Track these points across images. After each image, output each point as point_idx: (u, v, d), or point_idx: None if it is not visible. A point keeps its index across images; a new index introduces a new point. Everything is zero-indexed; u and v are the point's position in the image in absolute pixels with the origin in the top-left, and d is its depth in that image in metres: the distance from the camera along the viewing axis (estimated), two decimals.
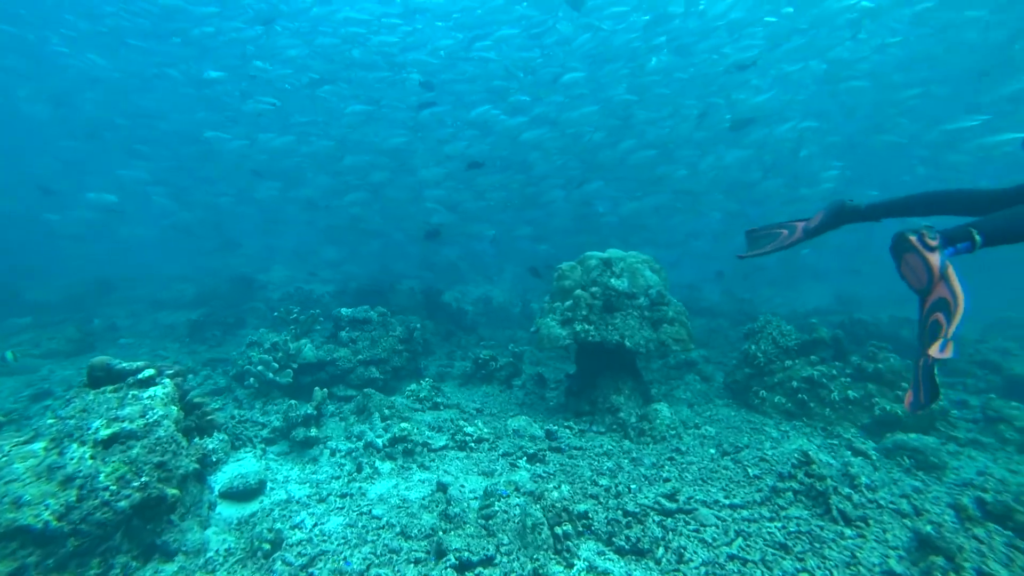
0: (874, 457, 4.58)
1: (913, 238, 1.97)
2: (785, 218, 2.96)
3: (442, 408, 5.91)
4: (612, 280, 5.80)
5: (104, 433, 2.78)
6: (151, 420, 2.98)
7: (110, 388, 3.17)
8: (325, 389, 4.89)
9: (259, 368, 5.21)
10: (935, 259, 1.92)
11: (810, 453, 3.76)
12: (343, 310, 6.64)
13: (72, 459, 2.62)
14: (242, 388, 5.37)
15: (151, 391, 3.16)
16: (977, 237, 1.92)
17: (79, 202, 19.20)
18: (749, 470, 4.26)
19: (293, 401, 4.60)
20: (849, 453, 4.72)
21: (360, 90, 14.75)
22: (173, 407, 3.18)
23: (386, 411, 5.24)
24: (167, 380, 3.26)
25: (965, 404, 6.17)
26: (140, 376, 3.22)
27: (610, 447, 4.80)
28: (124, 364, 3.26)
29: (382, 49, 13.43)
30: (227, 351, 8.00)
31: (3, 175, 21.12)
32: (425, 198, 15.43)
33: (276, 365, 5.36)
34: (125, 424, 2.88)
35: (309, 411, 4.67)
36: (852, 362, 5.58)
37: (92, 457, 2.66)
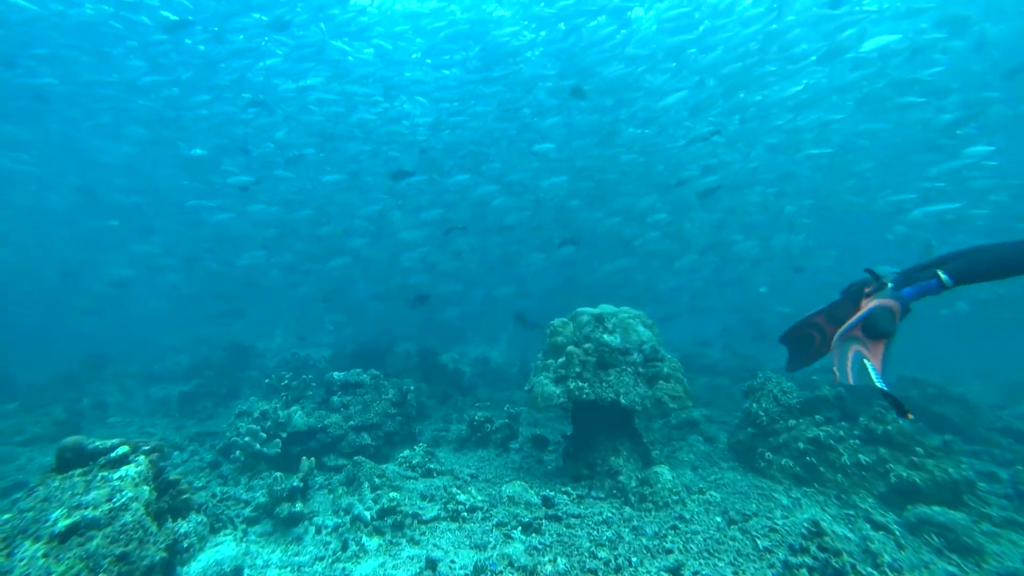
0: (897, 533, 4.25)
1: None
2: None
3: (435, 475, 5.66)
4: (605, 336, 5.77)
5: (63, 524, 2.60)
6: (118, 504, 2.79)
7: (79, 471, 2.99)
8: (312, 459, 4.71)
9: (246, 440, 5.05)
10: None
11: (822, 524, 3.52)
12: (335, 374, 6.56)
13: (22, 560, 2.42)
14: (228, 462, 5.17)
15: (123, 471, 3.00)
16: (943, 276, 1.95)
17: (96, 277, 19.81)
18: (759, 541, 4.00)
19: (279, 474, 4.42)
20: (868, 526, 4.41)
21: (340, 161, 15.52)
22: (145, 487, 3.01)
23: (376, 480, 5.02)
24: (141, 458, 3.11)
25: (993, 477, 5.79)
26: (112, 455, 3.07)
27: (610, 514, 4.53)
28: (97, 443, 3.11)
29: (363, 125, 14.25)
30: (218, 424, 7.79)
31: (18, 256, 21.69)
32: (404, 261, 15.73)
33: (264, 435, 5.20)
34: (87, 512, 2.70)
35: (295, 484, 4.47)
36: (860, 423, 5.39)
37: (45, 555, 2.46)
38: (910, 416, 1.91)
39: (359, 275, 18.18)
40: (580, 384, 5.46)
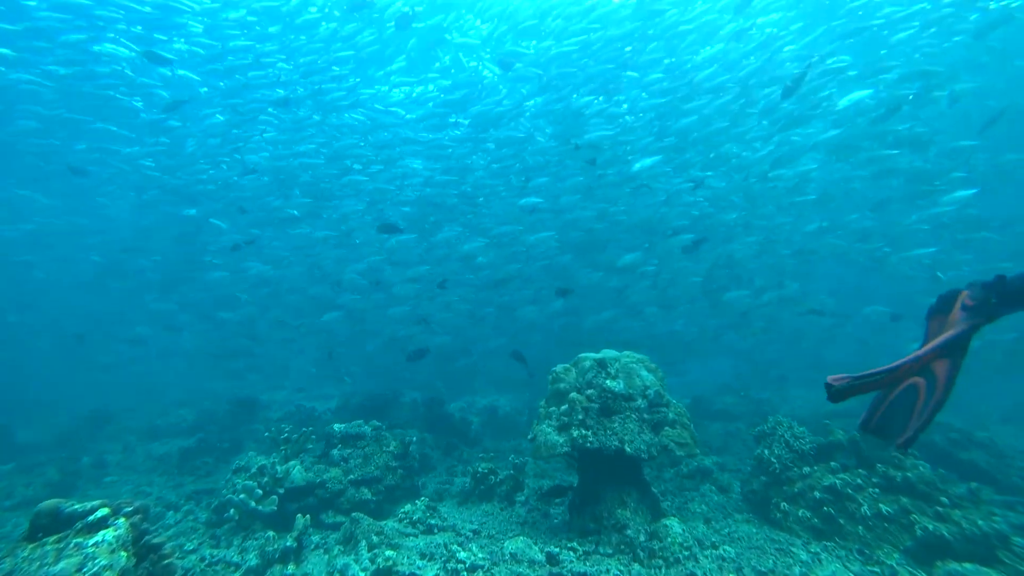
0: None
1: None
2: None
3: (436, 531, 5.44)
4: (608, 382, 5.68)
5: None
6: (89, 574, 2.65)
7: (53, 538, 2.84)
8: (307, 516, 4.57)
9: (241, 497, 4.93)
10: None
11: None
12: (335, 426, 6.47)
13: None
14: (222, 522, 5.01)
15: (99, 536, 2.85)
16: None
17: (114, 335, 20.25)
18: None
19: (271, 533, 4.27)
20: None
21: (330, 223, 16.15)
22: (123, 553, 2.85)
23: (374, 538, 4.83)
24: (121, 521, 2.98)
25: None
26: (90, 519, 2.92)
27: (617, 572, 4.29)
28: (76, 506, 2.98)
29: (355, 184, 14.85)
30: (217, 480, 7.62)
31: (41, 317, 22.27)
32: (396, 314, 15.92)
33: (260, 492, 5.07)
34: None
35: (288, 544, 4.32)
36: (878, 470, 5.16)
37: None
38: None
39: (362, 328, 18.27)
40: (583, 432, 5.34)
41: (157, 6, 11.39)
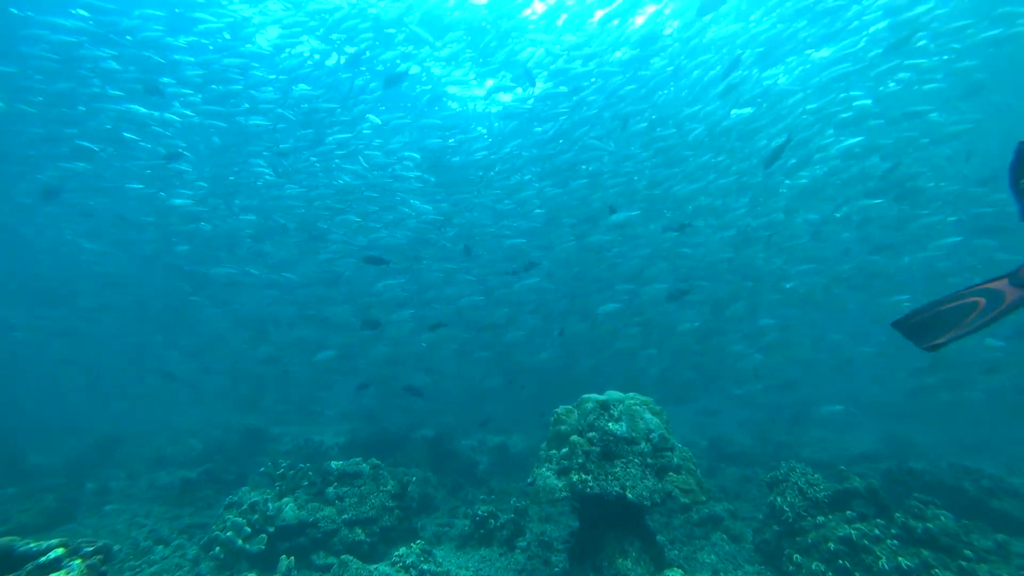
0: None
1: None
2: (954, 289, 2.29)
3: None
4: (610, 424, 5.51)
5: None
6: None
7: None
8: (292, 558, 4.45)
9: (228, 535, 4.84)
10: None
11: None
12: (332, 463, 6.38)
13: None
14: (208, 559, 4.91)
15: None
16: None
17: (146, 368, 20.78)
18: None
19: (253, 574, 4.16)
20: None
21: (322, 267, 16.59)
22: None
23: None
24: (77, 563, 2.88)
25: None
26: (42, 560, 2.82)
27: None
28: (31, 545, 2.90)
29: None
30: (215, 514, 7.53)
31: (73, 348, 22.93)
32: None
33: (248, 530, 4.98)
34: None
35: None
36: (896, 520, 4.83)
37: None
38: None
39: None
40: (584, 477, 5.15)
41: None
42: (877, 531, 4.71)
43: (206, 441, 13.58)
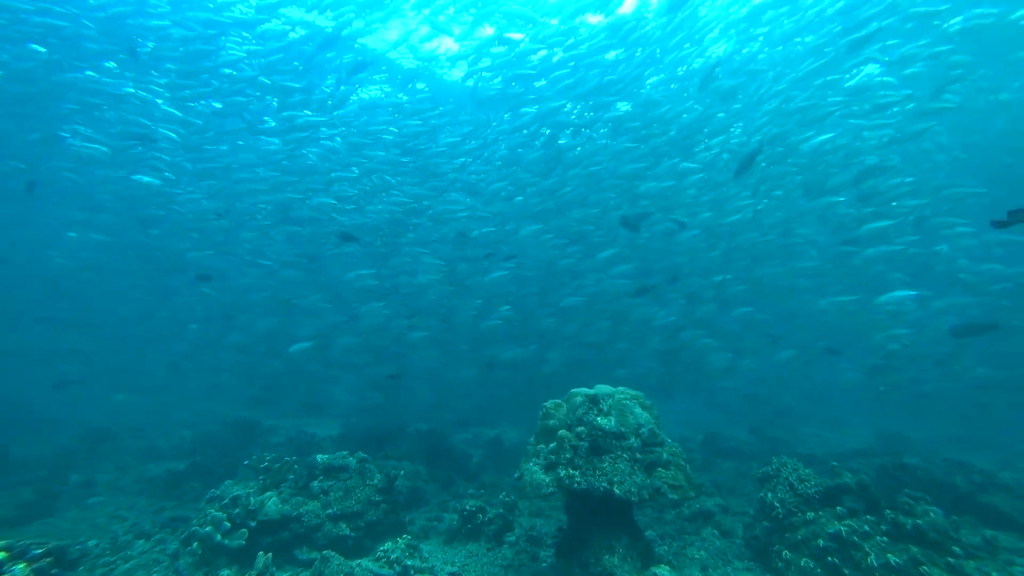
0: None
1: None
2: None
3: (412, 573, 5.15)
4: (599, 419, 5.42)
5: None
6: None
7: None
8: (269, 554, 4.37)
9: (207, 530, 4.74)
10: None
11: None
12: (319, 457, 6.28)
13: None
14: (186, 555, 4.82)
15: None
16: None
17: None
18: None
19: (225, 573, 4.07)
20: None
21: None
22: None
23: None
24: (20, 567, 2.77)
25: None
26: None
27: None
28: None
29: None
30: (200, 507, 7.45)
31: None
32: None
33: (228, 525, 4.89)
34: None
35: None
36: (887, 516, 4.75)
37: None
38: None
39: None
40: (571, 472, 5.06)
41: None
42: (867, 527, 4.63)
43: (198, 433, 13.51)
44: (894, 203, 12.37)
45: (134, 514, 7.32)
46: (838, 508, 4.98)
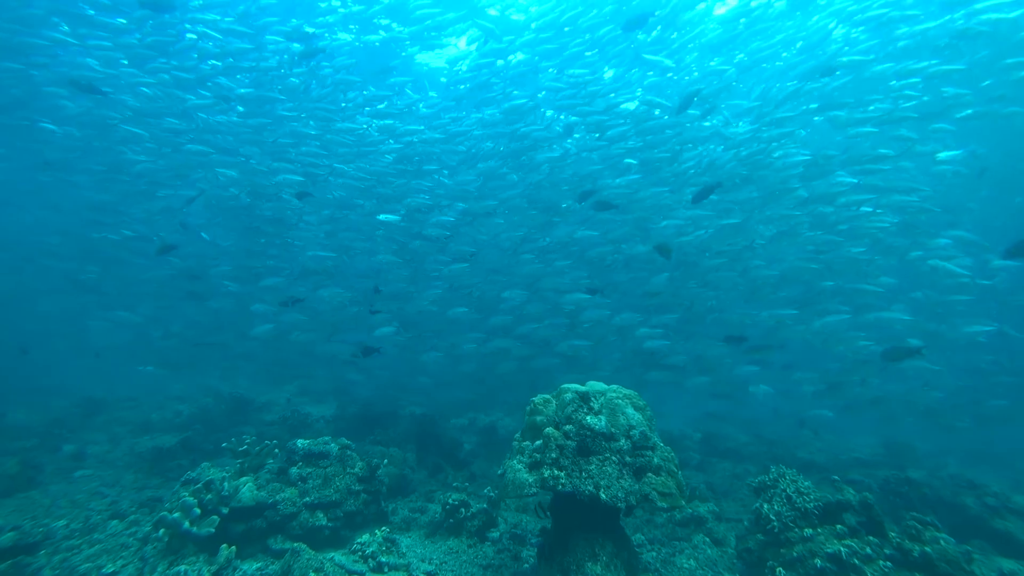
0: None
1: None
2: None
3: (386, 570, 4.96)
4: (588, 418, 5.14)
5: None
6: None
7: None
8: (233, 548, 4.16)
9: (175, 516, 4.55)
10: None
11: None
12: (299, 442, 6.08)
13: None
14: (154, 542, 4.63)
15: None
16: None
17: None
18: None
19: (183, 568, 3.87)
20: None
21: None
22: None
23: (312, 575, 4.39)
24: None
25: None
26: None
27: None
28: None
29: None
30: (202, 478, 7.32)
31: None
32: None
33: (198, 511, 4.69)
34: None
35: None
36: (891, 540, 4.45)
37: None
38: None
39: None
40: (556, 473, 4.80)
41: None
42: (869, 550, 4.34)
43: (193, 408, 13.44)
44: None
45: (115, 491, 7.19)
46: (838, 526, 4.68)
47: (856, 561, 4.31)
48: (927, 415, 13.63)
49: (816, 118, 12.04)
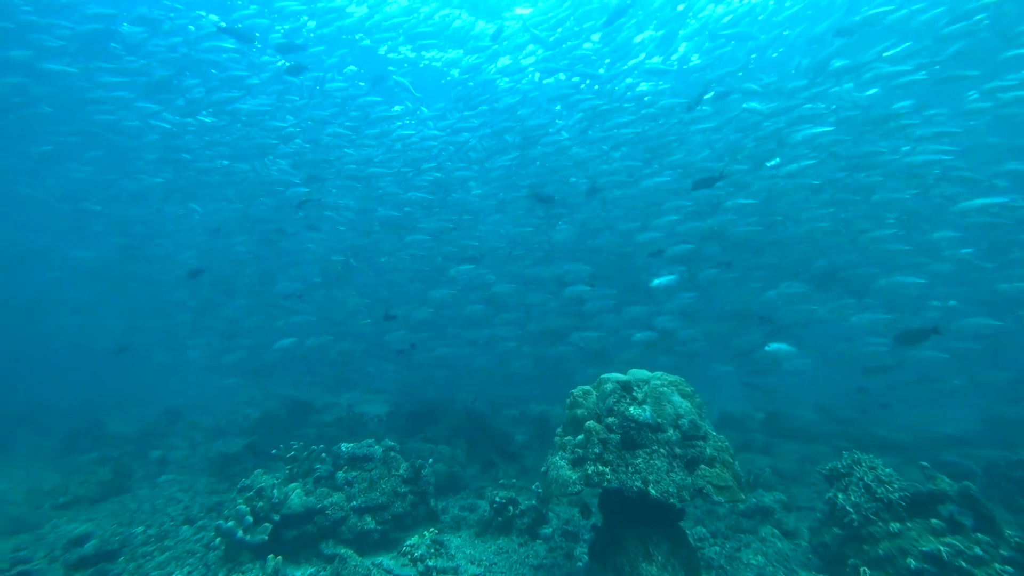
0: None
1: None
2: None
3: (435, 574, 4.89)
4: (632, 409, 4.80)
5: None
6: None
7: None
8: (280, 557, 4.20)
9: (229, 524, 4.69)
10: None
11: None
12: (343, 446, 6.14)
13: None
14: (215, 550, 4.79)
15: None
16: None
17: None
18: None
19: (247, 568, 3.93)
20: None
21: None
22: None
23: None
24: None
25: None
26: None
27: None
28: None
29: None
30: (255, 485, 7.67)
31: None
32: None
33: (251, 519, 4.81)
34: None
35: None
36: (1007, 537, 3.81)
37: None
38: None
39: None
40: (600, 468, 4.52)
41: None
42: (979, 550, 3.74)
43: (259, 412, 14.18)
44: None
45: (188, 496, 7.66)
46: (933, 521, 4.09)
47: (963, 563, 3.73)
48: None
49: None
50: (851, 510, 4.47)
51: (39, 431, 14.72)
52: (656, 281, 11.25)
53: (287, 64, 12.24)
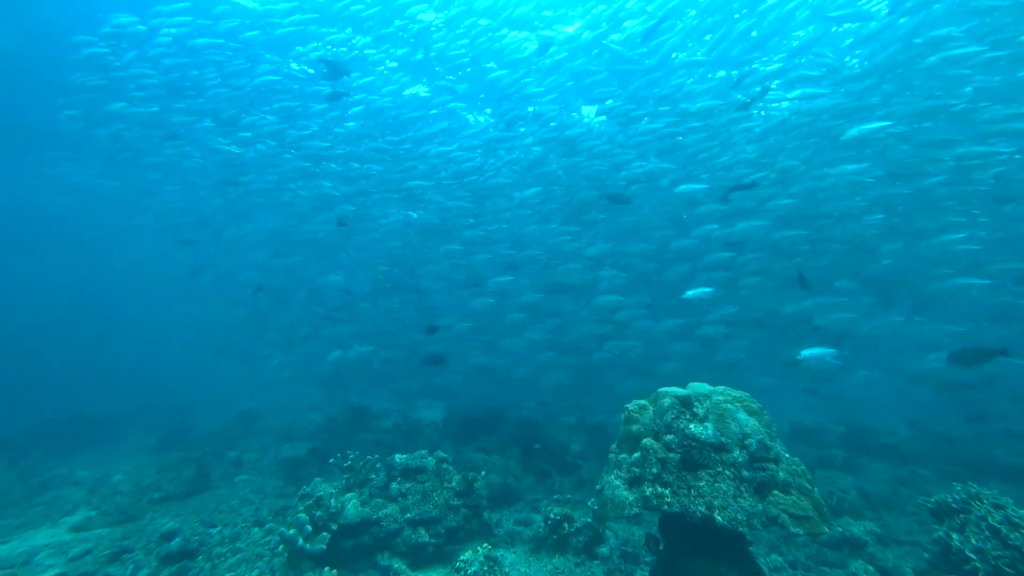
0: None
1: None
2: None
3: None
4: (692, 426, 4.45)
5: None
6: None
7: None
8: (335, 571, 4.24)
9: (290, 532, 4.84)
10: None
11: None
12: (397, 457, 6.19)
13: None
14: (279, 556, 4.97)
15: None
16: None
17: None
18: None
19: None
20: None
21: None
22: None
23: None
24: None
25: None
26: None
27: None
28: None
29: None
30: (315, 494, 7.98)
31: None
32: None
33: (310, 528, 4.94)
34: None
35: None
36: None
37: None
38: None
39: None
40: (660, 490, 4.21)
41: None
42: None
43: (323, 417, 14.85)
44: None
45: (259, 498, 8.09)
46: None
47: None
48: None
49: None
50: (974, 557, 3.86)
51: (144, 427, 16.39)
52: (689, 293, 10.66)
53: (330, 90, 12.87)
